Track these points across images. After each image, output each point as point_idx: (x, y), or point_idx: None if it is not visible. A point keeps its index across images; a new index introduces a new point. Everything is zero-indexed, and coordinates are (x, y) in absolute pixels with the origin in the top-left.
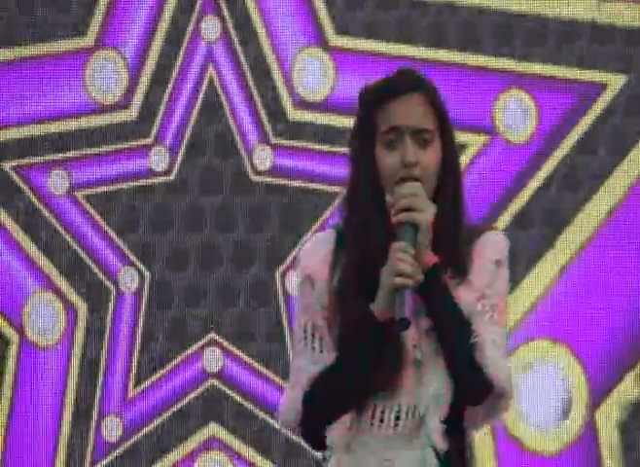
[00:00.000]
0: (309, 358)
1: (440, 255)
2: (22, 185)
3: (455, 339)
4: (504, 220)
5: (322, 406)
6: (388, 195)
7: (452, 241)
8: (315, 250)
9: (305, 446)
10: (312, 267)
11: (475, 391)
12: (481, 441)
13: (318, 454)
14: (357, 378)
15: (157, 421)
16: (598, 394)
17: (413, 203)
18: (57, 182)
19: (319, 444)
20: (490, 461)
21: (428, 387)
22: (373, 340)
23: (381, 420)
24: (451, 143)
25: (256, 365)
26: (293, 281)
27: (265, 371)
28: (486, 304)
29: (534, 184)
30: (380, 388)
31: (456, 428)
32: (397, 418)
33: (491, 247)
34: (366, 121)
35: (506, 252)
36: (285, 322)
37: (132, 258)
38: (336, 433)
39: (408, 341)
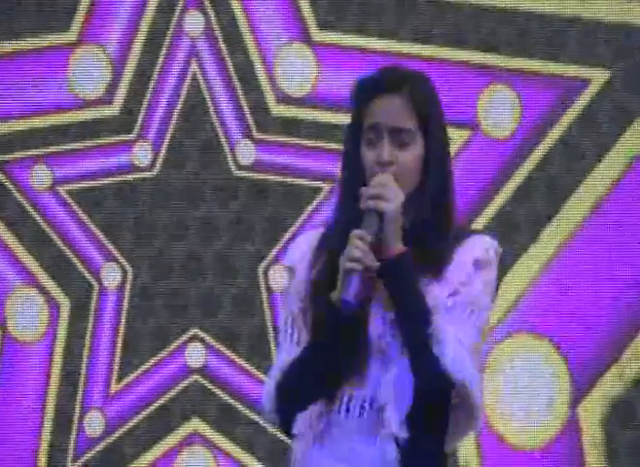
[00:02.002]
0: (287, 349)
1: (418, 251)
2: (5, 180)
3: (413, 327)
4: (486, 215)
5: (292, 393)
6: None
7: (432, 239)
8: (300, 245)
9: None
10: (294, 260)
11: (430, 382)
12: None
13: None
14: (321, 364)
15: (139, 417)
16: (581, 389)
17: (380, 192)
18: (40, 177)
19: (288, 431)
20: (473, 456)
21: (392, 375)
22: (332, 324)
23: (347, 410)
24: (437, 143)
25: (239, 360)
26: (276, 277)
27: (248, 366)
28: (458, 301)
29: (517, 179)
30: (348, 377)
31: (431, 428)
32: (362, 407)
33: (472, 247)
34: (354, 117)
35: (489, 254)
36: (268, 318)
37: (115, 254)
38: (303, 421)
39: (373, 331)
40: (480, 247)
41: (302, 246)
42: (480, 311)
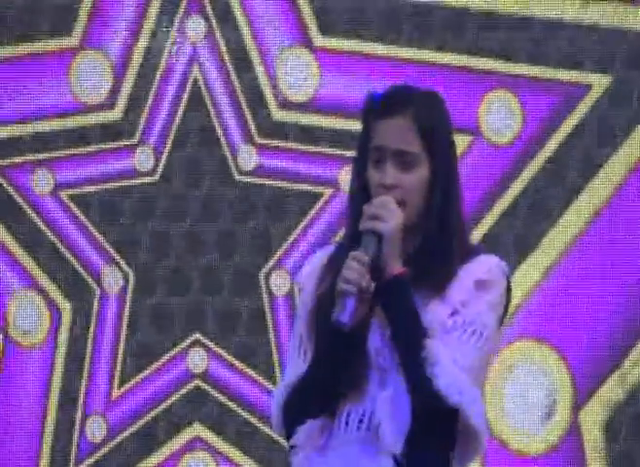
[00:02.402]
0: (294, 364)
1: (422, 270)
2: (6, 184)
3: (407, 348)
4: (488, 222)
5: (296, 408)
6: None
7: (437, 259)
8: (312, 261)
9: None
10: (303, 277)
11: (424, 404)
12: None
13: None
14: (321, 380)
15: (141, 422)
16: (583, 394)
17: (378, 213)
18: (42, 182)
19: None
20: (475, 463)
21: (389, 392)
22: (331, 342)
23: (347, 423)
24: (443, 164)
25: (241, 365)
26: (277, 282)
27: (250, 371)
28: (458, 321)
29: (518, 185)
30: (347, 392)
31: (435, 446)
32: (360, 422)
33: (477, 267)
34: (362, 135)
35: (492, 274)
36: (269, 323)
37: (116, 258)
38: (304, 433)
39: (372, 347)
40: (484, 267)
41: (311, 264)
42: (482, 331)
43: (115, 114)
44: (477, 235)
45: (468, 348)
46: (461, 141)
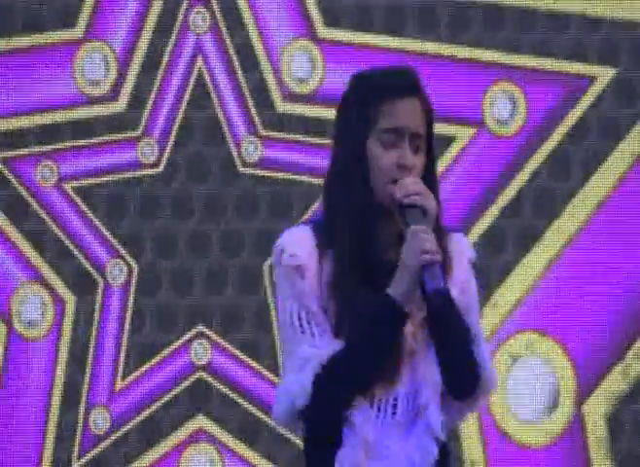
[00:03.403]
0: (311, 343)
1: None
2: (10, 176)
3: (458, 337)
4: (491, 213)
5: (336, 388)
6: (390, 185)
7: (441, 240)
8: (300, 241)
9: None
10: (302, 257)
11: (466, 386)
12: (470, 434)
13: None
14: (373, 359)
15: (144, 413)
16: (586, 387)
17: (419, 189)
18: (45, 174)
19: (325, 429)
20: (479, 454)
21: (425, 375)
22: (395, 323)
23: (379, 410)
24: (433, 149)
25: (244, 357)
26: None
27: (253, 363)
28: (471, 301)
29: (522, 177)
30: (380, 379)
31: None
32: (394, 407)
33: (464, 247)
34: (362, 112)
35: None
36: (273, 313)
37: (120, 250)
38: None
39: (406, 331)
40: (467, 245)
41: (304, 244)
42: (477, 310)
43: (119, 106)
44: (480, 228)
45: (478, 325)
46: (465, 133)
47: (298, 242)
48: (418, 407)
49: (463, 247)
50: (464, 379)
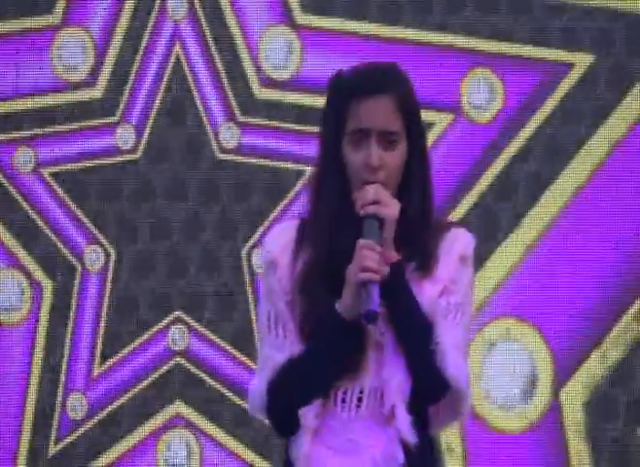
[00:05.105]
0: (273, 345)
1: (405, 250)
2: None
3: (415, 341)
4: (468, 201)
5: (287, 394)
6: (355, 192)
7: (418, 237)
8: (279, 236)
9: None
10: (275, 252)
11: (432, 391)
12: None
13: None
14: (324, 370)
15: (122, 399)
16: (564, 373)
17: (379, 198)
18: (23, 159)
19: (284, 429)
20: (456, 441)
21: (389, 371)
22: (340, 337)
23: (343, 401)
24: (419, 142)
25: (222, 343)
26: (258, 260)
27: (231, 349)
28: (451, 301)
29: (499, 164)
30: (344, 372)
31: (421, 423)
32: (359, 400)
33: (457, 243)
34: (335, 111)
35: (471, 250)
36: (251, 300)
37: (98, 236)
38: (307, 416)
39: (371, 327)
40: (463, 243)
41: (281, 239)
42: (467, 309)
43: (96, 92)
44: (456, 215)
45: (460, 329)
46: (442, 119)
47: (277, 237)
48: (385, 406)
49: (456, 243)
50: (425, 384)
